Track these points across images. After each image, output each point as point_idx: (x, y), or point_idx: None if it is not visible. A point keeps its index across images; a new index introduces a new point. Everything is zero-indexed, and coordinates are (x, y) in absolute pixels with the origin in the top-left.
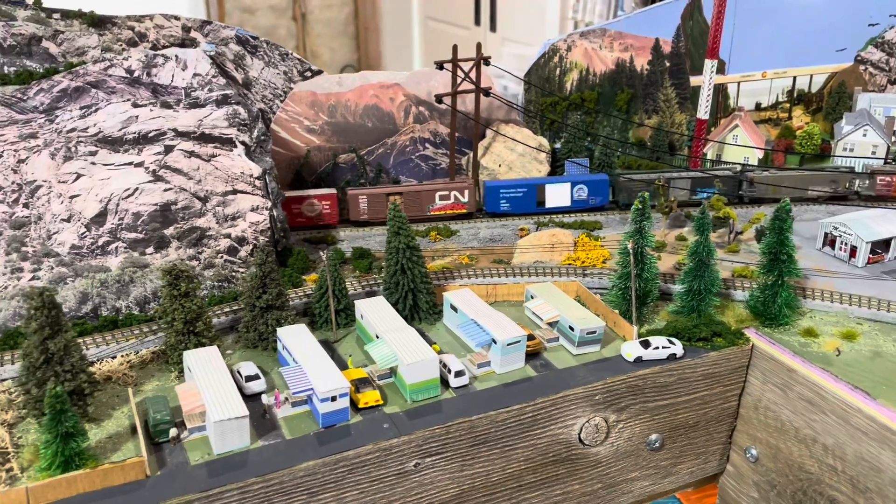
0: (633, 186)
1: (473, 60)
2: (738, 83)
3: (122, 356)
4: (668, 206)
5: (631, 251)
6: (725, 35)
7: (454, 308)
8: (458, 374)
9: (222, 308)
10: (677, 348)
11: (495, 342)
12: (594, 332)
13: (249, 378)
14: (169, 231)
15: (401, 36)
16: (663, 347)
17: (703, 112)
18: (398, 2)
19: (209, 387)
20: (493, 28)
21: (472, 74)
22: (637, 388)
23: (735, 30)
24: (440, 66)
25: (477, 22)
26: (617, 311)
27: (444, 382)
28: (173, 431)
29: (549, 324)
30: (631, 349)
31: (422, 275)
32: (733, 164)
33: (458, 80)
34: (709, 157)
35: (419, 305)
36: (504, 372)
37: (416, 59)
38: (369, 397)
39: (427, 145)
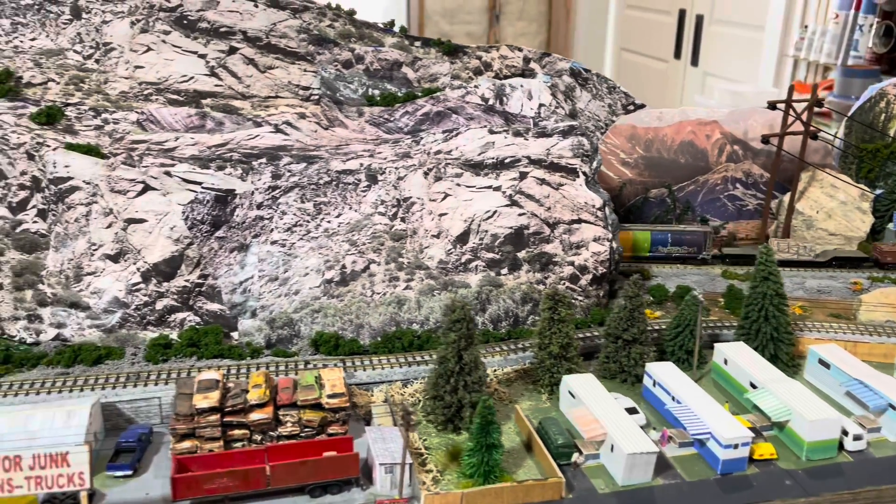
0: None
1: (807, 102)
2: None
3: (490, 371)
4: None
5: None
6: None
7: (825, 364)
8: (857, 437)
9: None
10: None
11: (894, 408)
12: None
13: (629, 411)
14: (521, 254)
15: (593, 67)
16: None
17: None
18: (592, 32)
19: (606, 416)
20: (694, 62)
21: (798, 114)
22: None
23: None
24: (773, 106)
25: (677, 56)
26: None
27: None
28: (576, 456)
29: None
30: None
31: (785, 324)
32: None
33: (789, 121)
34: None
35: (779, 356)
36: None
37: None
38: (764, 449)
39: (738, 185)
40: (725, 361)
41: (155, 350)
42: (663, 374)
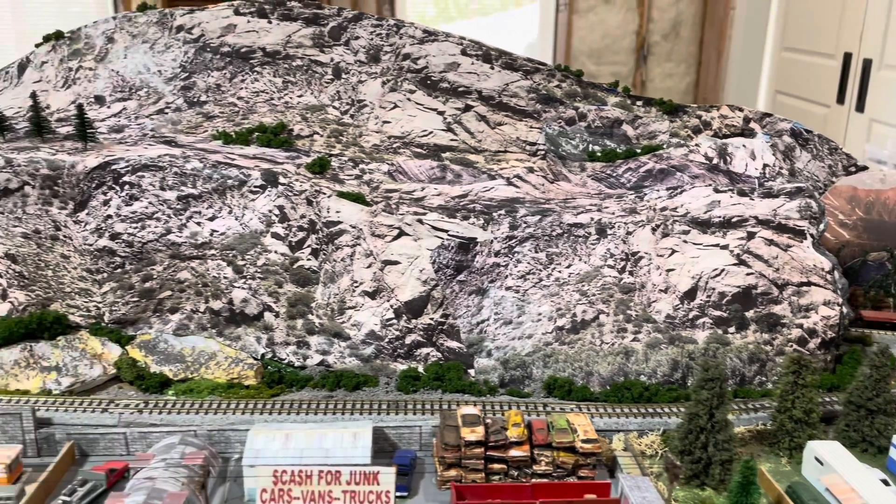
0: None
1: None
2: None
3: None
4: None
5: None
6: None
7: None
8: None
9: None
10: None
11: None
12: None
13: (882, 483)
14: (749, 314)
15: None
16: None
17: None
18: (745, 74)
19: (861, 486)
20: (859, 108)
21: None
22: None
23: None
24: None
25: (840, 101)
26: None
27: None
28: None
29: None
30: None
31: None
32: None
33: None
34: None
35: None
36: None
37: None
38: None
39: None
40: None
41: (406, 381)
42: None
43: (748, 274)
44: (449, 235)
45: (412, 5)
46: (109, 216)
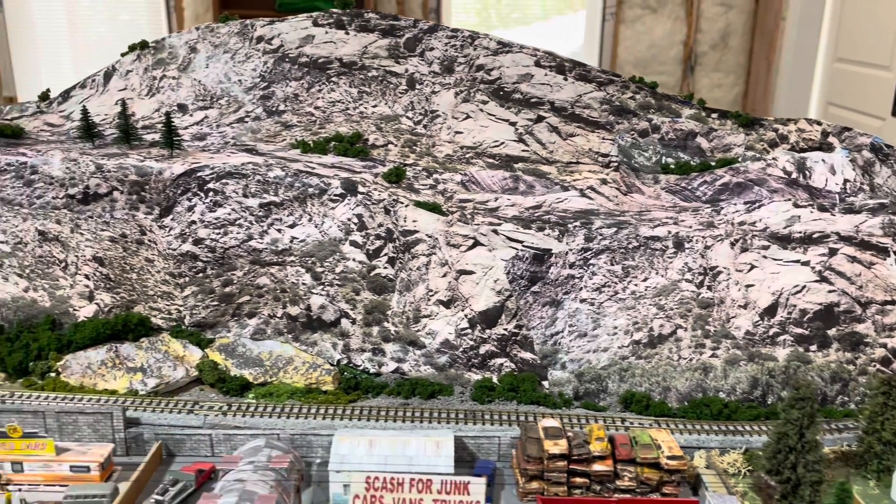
0: None
1: None
2: None
3: None
4: None
5: None
6: None
7: None
8: None
9: None
10: None
11: None
12: None
13: None
14: (831, 332)
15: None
16: None
17: None
18: (796, 85)
19: None
20: None
21: None
22: None
23: None
24: None
25: (895, 112)
26: None
27: None
28: None
29: None
30: None
31: None
32: None
33: None
34: None
35: None
36: None
37: None
38: None
39: None
40: None
41: (480, 391)
42: None
43: (830, 291)
44: (524, 246)
45: (455, 14)
46: (193, 222)
